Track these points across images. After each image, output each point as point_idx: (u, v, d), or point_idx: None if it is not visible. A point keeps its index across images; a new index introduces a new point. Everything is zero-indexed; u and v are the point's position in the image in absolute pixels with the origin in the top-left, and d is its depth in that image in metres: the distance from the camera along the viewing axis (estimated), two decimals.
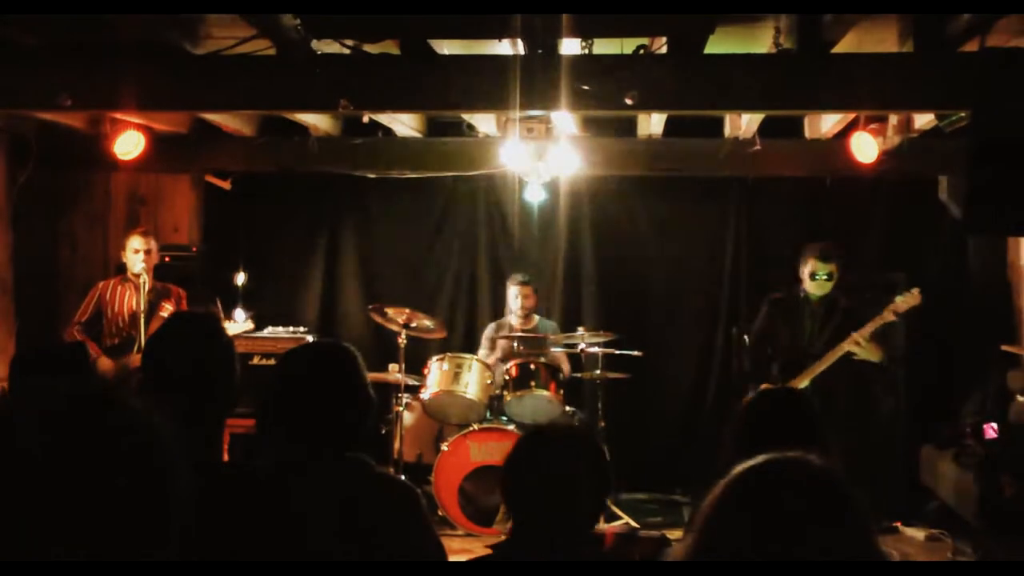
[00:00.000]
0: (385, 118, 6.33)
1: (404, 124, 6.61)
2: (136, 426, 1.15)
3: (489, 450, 5.97)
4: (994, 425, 4.16)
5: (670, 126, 6.64)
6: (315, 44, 4.49)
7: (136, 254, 5.89)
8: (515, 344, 6.45)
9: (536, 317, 6.72)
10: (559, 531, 2.17)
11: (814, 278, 5.60)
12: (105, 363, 5.77)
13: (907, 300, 5.45)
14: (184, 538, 1.19)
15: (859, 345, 5.40)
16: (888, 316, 5.44)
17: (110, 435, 1.13)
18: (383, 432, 6.33)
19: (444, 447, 6.02)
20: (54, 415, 1.12)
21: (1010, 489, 3.98)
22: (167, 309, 5.86)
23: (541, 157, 6.02)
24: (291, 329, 6.84)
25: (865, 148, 6.13)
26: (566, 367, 6.58)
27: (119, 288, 5.99)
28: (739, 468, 1.36)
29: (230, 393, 2.37)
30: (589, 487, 2.23)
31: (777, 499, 1.30)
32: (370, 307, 6.43)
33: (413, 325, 6.21)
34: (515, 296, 6.58)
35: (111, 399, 1.16)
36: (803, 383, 5.41)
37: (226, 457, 5.96)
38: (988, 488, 3.89)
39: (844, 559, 1.26)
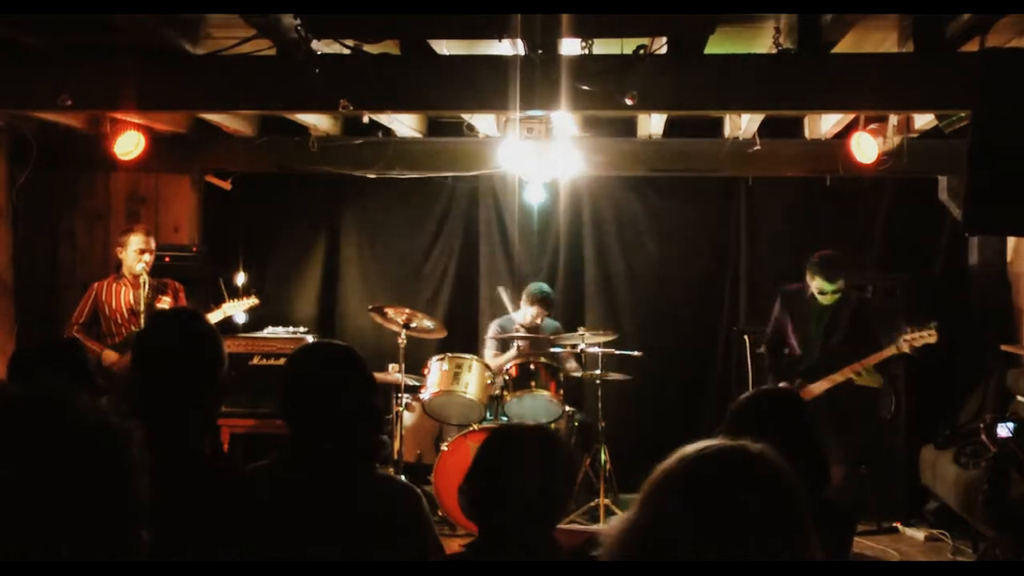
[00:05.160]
0: (385, 118, 6.33)
1: (404, 124, 6.61)
2: (89, 426, 1.15)
3: None
4: (1009, 424, 4.16)
5: (670, 126, 6.64)
6: (315, 44, 4.49)
7: (141, 254, 5.87)
8: (516, 343, 6.45)
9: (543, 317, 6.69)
10: (522, 531, 2.16)
11: (822, 294, 5.45)
12: (110, 355, 5.77)
13: (924, 337, 5.24)
14: (153, 534, 1.19)
15: (860, 375, 5.32)
16: (902, 348, 5.26)
17: (63, 436, 1.13)
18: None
19: (444, 447, 6.01)
20: (6, 416, 1.12)
21: (1019, 487, 3.98)
22: (165, 302, 5.87)
23: (541, 157, 6.02)
24: (291, 329, 6.84)
25: (865, 148, 6.14)
26: (571, 367, 6.56)
27: (114, 286, 5.99)
28: (685, 451, 1.34)
29: (213, 386, 2.36)
30: (551, 487, 2.22)
31: (719, 487, 1.29)
32: (370, 307, 6.43)
33: (413, 325, 6.21)
34: (532, 315, 6.45)
35: (63, 400, 1.16)
36: (816, 391, 5.37)
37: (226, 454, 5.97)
38: (997, 486, 3.89)
39: (775, 551, 1.25)
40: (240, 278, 7.09)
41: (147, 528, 1.18)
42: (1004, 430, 4.22)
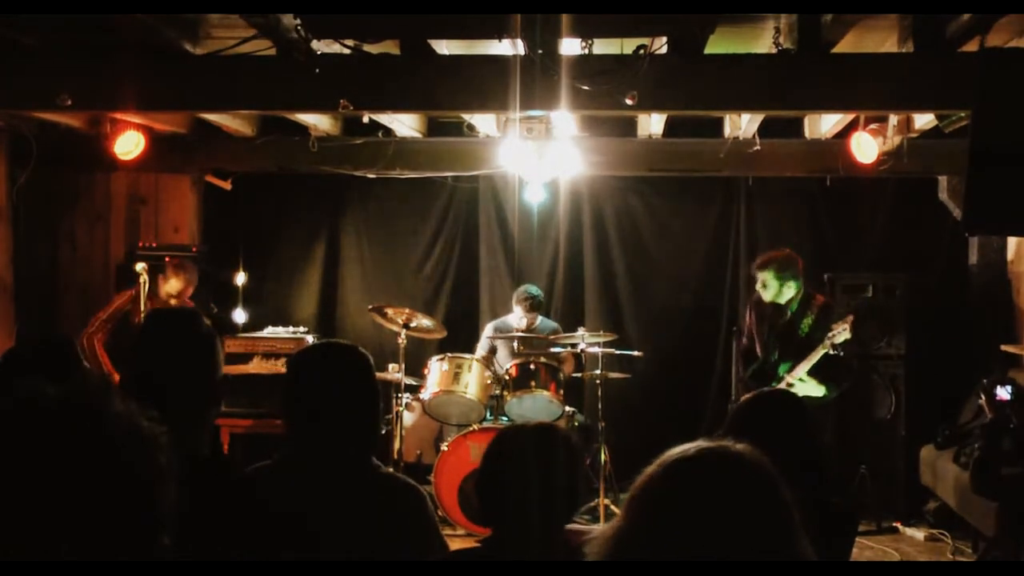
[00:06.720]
0: (385, 118, 6.33)
1: (404, 124, 6.61)
2: (122, 432, 1.15)
3: None
4: (1008, 387, 4.16)
5: (670, 126, 6.64)
6: (315, 44, 4.49)
7: (170, 297, 6.00)
8: (515, 344, 6.45)
9: (538, 317, 6.71)
10: (533, 529, 2.17)
11: (761, 287, 5.44)
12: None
13: (840, 332, 5.08)
14: (177, 538, 1.19)
15: (792, 386, 5.13)
16: (826, 347, 5.10)
17: (99, 441, 1.12)
18: (383, 432, 6.33)
19: (444, 447, 6.01)
20: (42, 421, 1.12)
21: (1012, 467, 3.98)
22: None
23: (541, 157, 6.02)
24: (291, 329, 6.84)
25: (865, 148, 6.14)
26: (570, 366, 6.57)
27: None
28: (668, 455, 1.33)
29: (211, 387, 2.35)
30: (563, 484, 2.23)
31: (700, 488, 1.28)
32: (370, 307, 6.43)
33: (413, 325, 6.21)
34: (519, 317, 6.55)
35: (98, 405, 1.16)
36: None
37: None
38: (990, 451, 3.87)
39: (761, 551, 1.24)
40: (240, 278, 7.09)
41: (170, 535, 1.18)
42: (1004, 392, 4.21)
